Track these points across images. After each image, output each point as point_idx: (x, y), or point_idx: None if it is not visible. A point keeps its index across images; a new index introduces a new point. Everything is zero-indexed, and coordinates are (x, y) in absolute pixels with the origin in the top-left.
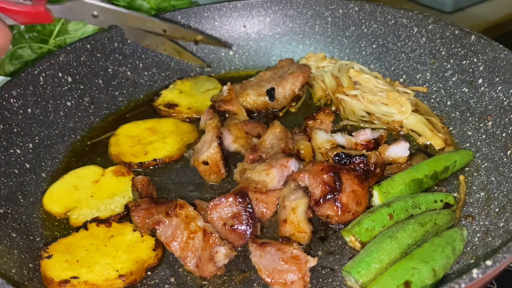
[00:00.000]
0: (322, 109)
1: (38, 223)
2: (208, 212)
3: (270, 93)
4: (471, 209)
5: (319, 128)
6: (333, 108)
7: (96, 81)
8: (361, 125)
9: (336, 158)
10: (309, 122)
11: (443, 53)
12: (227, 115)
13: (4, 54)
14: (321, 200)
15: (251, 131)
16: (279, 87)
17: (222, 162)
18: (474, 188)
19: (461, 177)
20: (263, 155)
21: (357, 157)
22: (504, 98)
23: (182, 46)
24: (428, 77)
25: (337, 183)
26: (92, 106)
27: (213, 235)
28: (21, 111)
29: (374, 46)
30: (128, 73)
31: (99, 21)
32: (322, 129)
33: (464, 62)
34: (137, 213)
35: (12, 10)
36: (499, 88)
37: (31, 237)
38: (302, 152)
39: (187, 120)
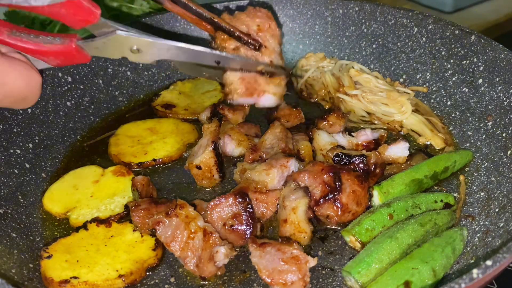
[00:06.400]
0: (334, 112)
1: (38, 223)
2: (208, 212)
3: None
4: (471, 209)
5: (328, 130)
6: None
7: (96, 81)
8: (361, 125)
9: (336, 158)
10: (324, 123)
11: (443, 53)
12: (223, 120)
13: (34, 102)
14: (321, 200)
15: (248, 132)
16: None
17: (215, 167)
18: (474, 188)
19: (461, 177)
20: (263, 155)
21: (356, 157)
22: (504, 98)
23: None
24: (428, 77)
25: (337, 183)
26: (92, 106)
27: (213, 235)
28: (21, 111)
29: (374, 46)
30: (128, 73)
31: (142, 57)
32: (326, 131)
33: (464, 62)
34: (137, 213)
35: (40, 51)
36: (499, 88)
37: (31, 237)
38: (302, 152)
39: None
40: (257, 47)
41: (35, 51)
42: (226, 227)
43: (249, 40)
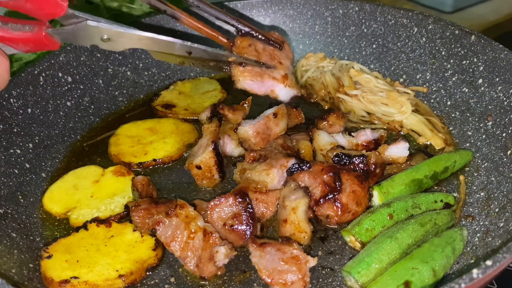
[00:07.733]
0: (334, 112)
1: (38, 223)
2: (208, 212)
3: None
4: (471, 209)
5: (328, 130)
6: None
7: (96, 81)
8: (361, 125)
9: (336, 158)
10: (324, 123)
11: (443, 53)
12: (223, 120)
13: (4, 86)
14: (321, 200)
15: None
16: None
17: (215, 167)
18: (474, 188)
19: (461, 177)
20: (263, 153)
21: (356, 157)
22: (504, 98)
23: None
24: (428, 77)
25: (337, 183)
26: (92, 106)
27: (213, 235)
28: (21, 111)
29: (374, 46)
30: (128, 73)
31: (112, 45)
32: (326, 131)
33: (464, 62)
34: (137, 213)
35: (10, 38)
36: (499, 88)
37: (31, 237)
38: (302, 152)
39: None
40: (280, 46)
41: (4, 38)
42: (226, 227)
43: (272, 40)
